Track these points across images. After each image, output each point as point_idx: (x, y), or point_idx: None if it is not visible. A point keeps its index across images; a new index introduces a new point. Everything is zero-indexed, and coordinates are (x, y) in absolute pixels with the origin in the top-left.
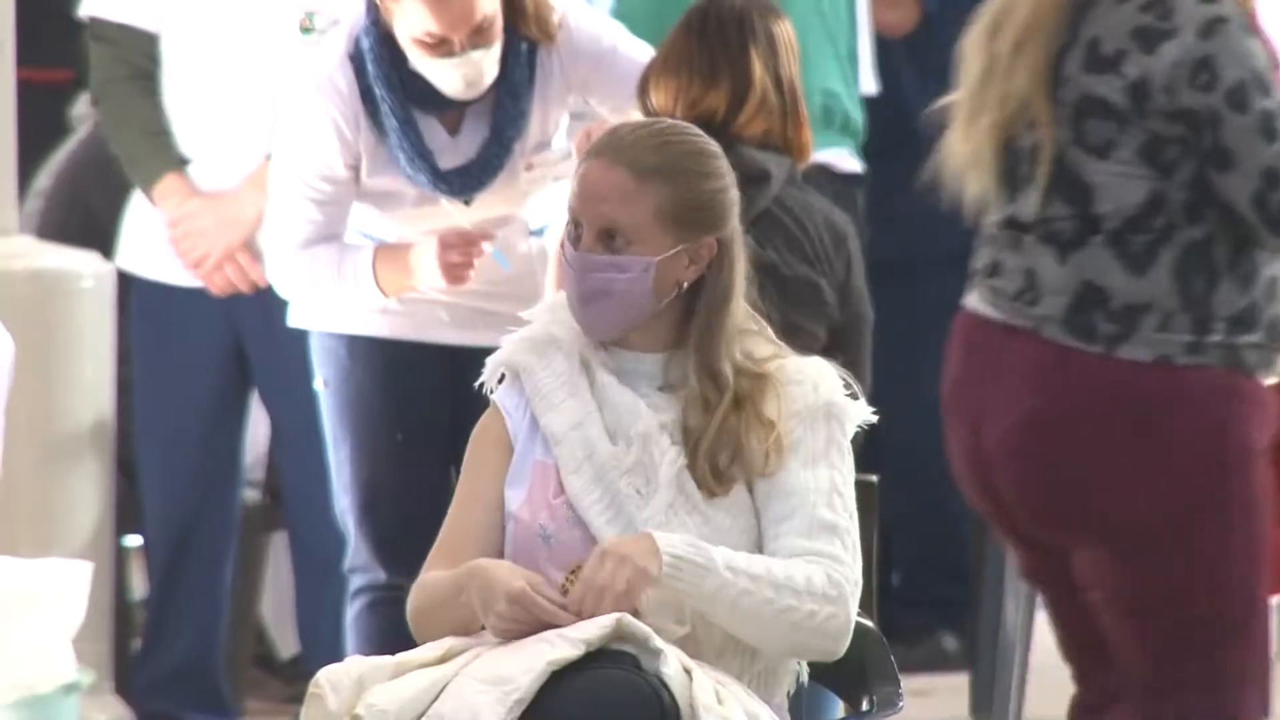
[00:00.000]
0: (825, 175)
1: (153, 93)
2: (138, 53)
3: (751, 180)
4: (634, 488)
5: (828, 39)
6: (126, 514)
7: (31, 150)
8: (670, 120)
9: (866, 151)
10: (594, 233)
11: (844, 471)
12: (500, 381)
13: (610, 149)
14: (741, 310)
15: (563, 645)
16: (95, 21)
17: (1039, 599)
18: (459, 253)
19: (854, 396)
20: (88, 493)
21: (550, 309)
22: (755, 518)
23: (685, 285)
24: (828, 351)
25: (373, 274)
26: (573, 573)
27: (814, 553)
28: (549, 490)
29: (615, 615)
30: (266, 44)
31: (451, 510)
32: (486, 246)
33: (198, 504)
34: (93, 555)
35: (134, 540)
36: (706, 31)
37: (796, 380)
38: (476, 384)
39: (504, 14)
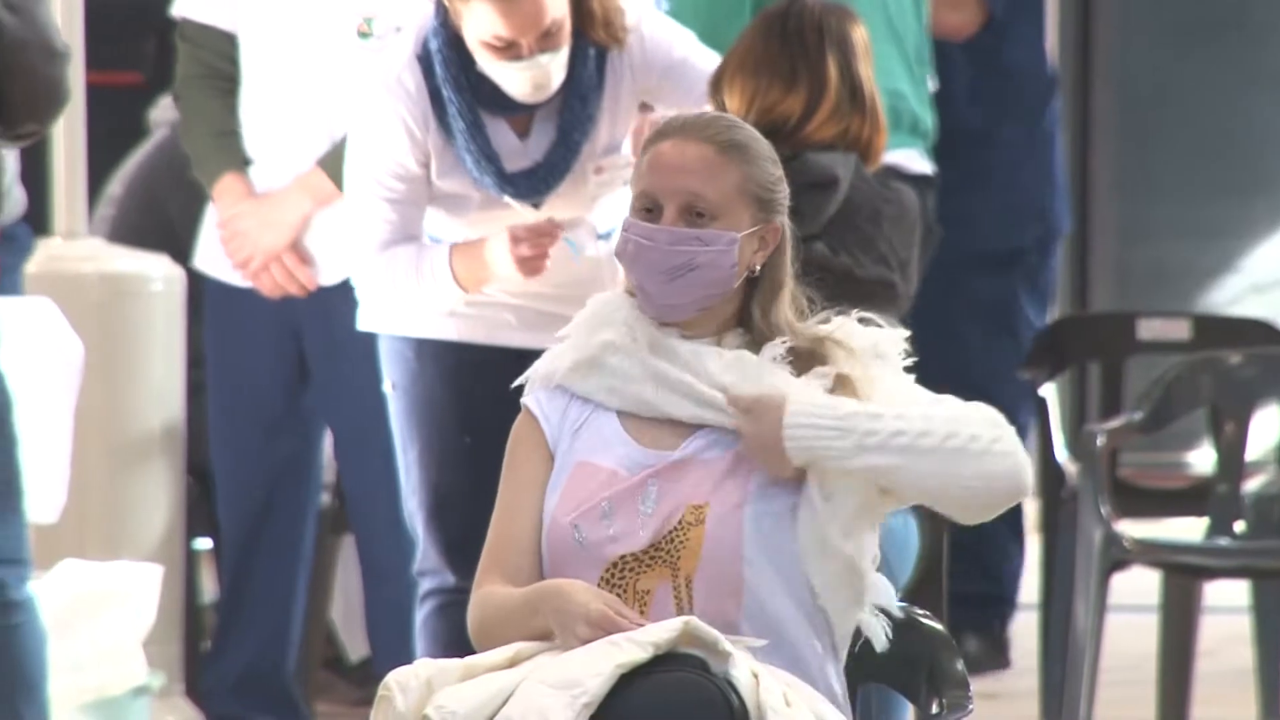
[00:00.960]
0: (895, 177)
1: (226, 93)
2: (214, 52)
3: (821, 186)
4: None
5: (893, 39)
6: (197, 517)
7: (100, 155)
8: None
9: None
10: (676, 207)
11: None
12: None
13: (683, 129)
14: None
15: (631, 648)
16: (182, 21)
17: (1109, 600)
18: (529, 245)
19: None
20: (158, 496)
21: (588, 319)
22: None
23: (756, 269)
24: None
25: (450, 270)
26: (608, 572)
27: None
28: (586, 489)
29: (683, 619)
30: (326, 48)
31: (496, 520)
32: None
33: (265, 506)
34: (163, 558)
35: (204, 543)
36: (787, 35)
37: (844, 333)
38: (513, 385)
39: (572, 19)
